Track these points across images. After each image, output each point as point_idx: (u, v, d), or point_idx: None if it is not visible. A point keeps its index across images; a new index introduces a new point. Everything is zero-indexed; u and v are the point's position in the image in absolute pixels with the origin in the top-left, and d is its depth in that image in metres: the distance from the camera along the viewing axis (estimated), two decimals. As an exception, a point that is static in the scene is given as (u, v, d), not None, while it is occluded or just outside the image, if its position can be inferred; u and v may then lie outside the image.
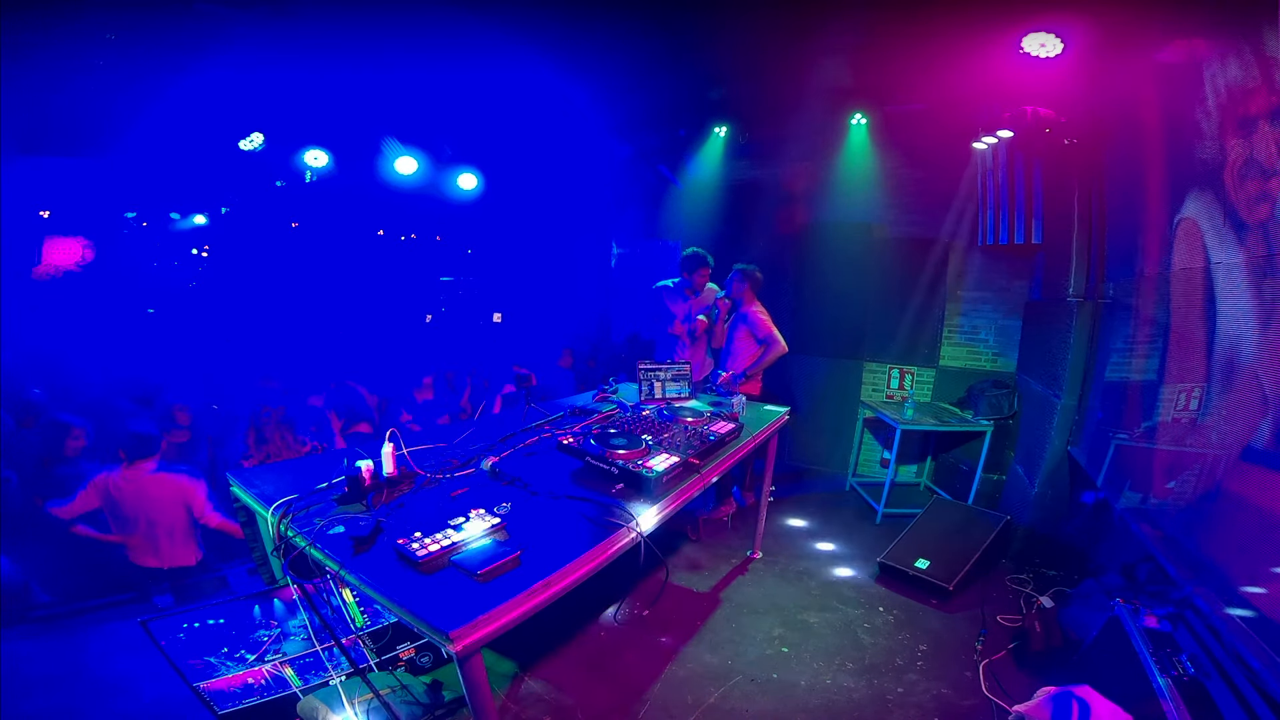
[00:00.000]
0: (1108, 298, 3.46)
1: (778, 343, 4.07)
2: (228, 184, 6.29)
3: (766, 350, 4.08)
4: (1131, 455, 2.85)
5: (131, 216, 6.46)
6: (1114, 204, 3.42)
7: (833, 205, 5.40)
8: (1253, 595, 1.73)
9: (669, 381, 3.56)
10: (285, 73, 4.22)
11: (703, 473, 2.39)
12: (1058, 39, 3.14)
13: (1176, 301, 2.52)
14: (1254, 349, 1.89)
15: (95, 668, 2.58)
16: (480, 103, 4.91)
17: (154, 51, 3.76)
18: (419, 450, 2.34)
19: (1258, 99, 1.86)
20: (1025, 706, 2.00)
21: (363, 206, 7.09)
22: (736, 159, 5.74)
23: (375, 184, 5.55)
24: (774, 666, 2.75)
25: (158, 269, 6.88)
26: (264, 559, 2.23)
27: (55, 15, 3.30)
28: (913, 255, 5.10)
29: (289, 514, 1.83)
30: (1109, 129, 3.38)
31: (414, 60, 4.09)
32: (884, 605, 3.28)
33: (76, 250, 6.02)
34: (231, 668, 2.10)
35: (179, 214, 6.64)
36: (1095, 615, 2.55)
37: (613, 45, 3.98)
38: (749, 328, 4.15)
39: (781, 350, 4.09)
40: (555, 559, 1.66)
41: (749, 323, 4.15)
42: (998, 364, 4.90)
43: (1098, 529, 3.19)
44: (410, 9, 3.47)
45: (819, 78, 4.33)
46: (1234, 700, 1.71)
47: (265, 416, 3.55)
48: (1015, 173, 4.14)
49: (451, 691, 2.34)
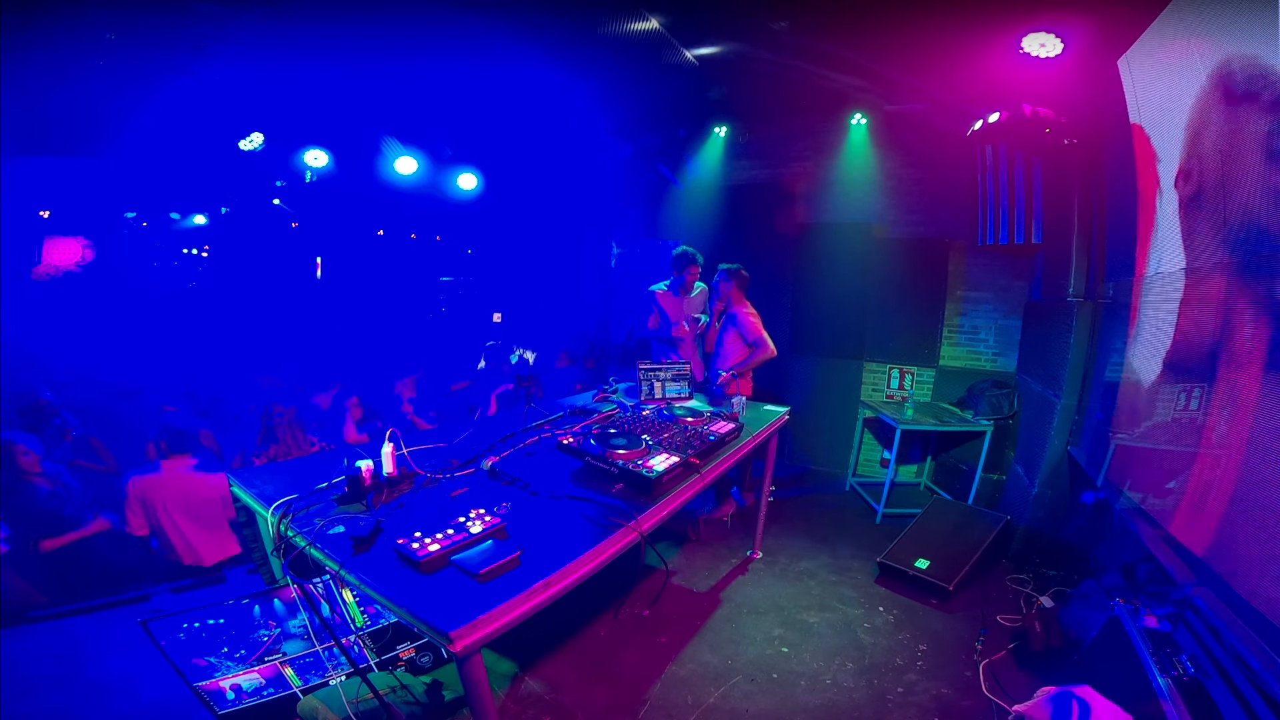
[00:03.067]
0: (1108, 298, 3.46)
1: (766, 346, 4.06)
2: (228, 184, 6.28)
3: (754, 353, 4.07)
4: (1131, 455, 2.85)
5: (131, 216, 6.46)
6: (1114, 204, 3.42)
7: (833, 205, 5.40)
8: (1253, 595, 1.73)
9: (669, 381, 3.56)
10: (285, 73, 4.22)
11: (703, 473, 2.39)
12: (1058, 39, 3.14)
13: (1176, 302, 2.52)
14: (1254, 349, 1.89)
15: (95, 668, 2.58)
16: (480, 103, 4.90)
17: (154, 51, 3.75)
18: (419, 450, 2.34)
19: (1258, 98, 1.86)
20: (1025, 706, 2.00)
21: (363, 206, 7.09)
22: (736, 159, 5.74)
23: (375, 184, 5.54)
24: (774, 666, 2.75)
25: (158, 269, 6.88)
26: (264, 559, 2.23)
27: (55, 15, 3.30)
28: (913, 255, 5.10)
29: (289, 514, 1.83)
30: (1109, 129, 3.38)
31: (414, 60, 4.08)
32: (884, 605, 3.28)
33: (76, 250, 6.02)
34: (231, 668, 2.11)
35: (179, 214, 6.63)
36: (1095, 615, 2.55)
37: (613, 45, 3.98)
38: (738, 329, 4.13)
39: (770, 354, 4.07)
40: (555, 559, 1.66)
41: (738, 324, 4.13)
42: (998, 364, 4.90)
43: (1098, 529, 3.19)
44: (410, 9, 3.47)
45: (819, 78, 4.33)
46: (1234, 700, 1.70)
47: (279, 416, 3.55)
48: (1015, 173, 4.13)
49: (451, 691, 2.35)
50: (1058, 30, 3.11)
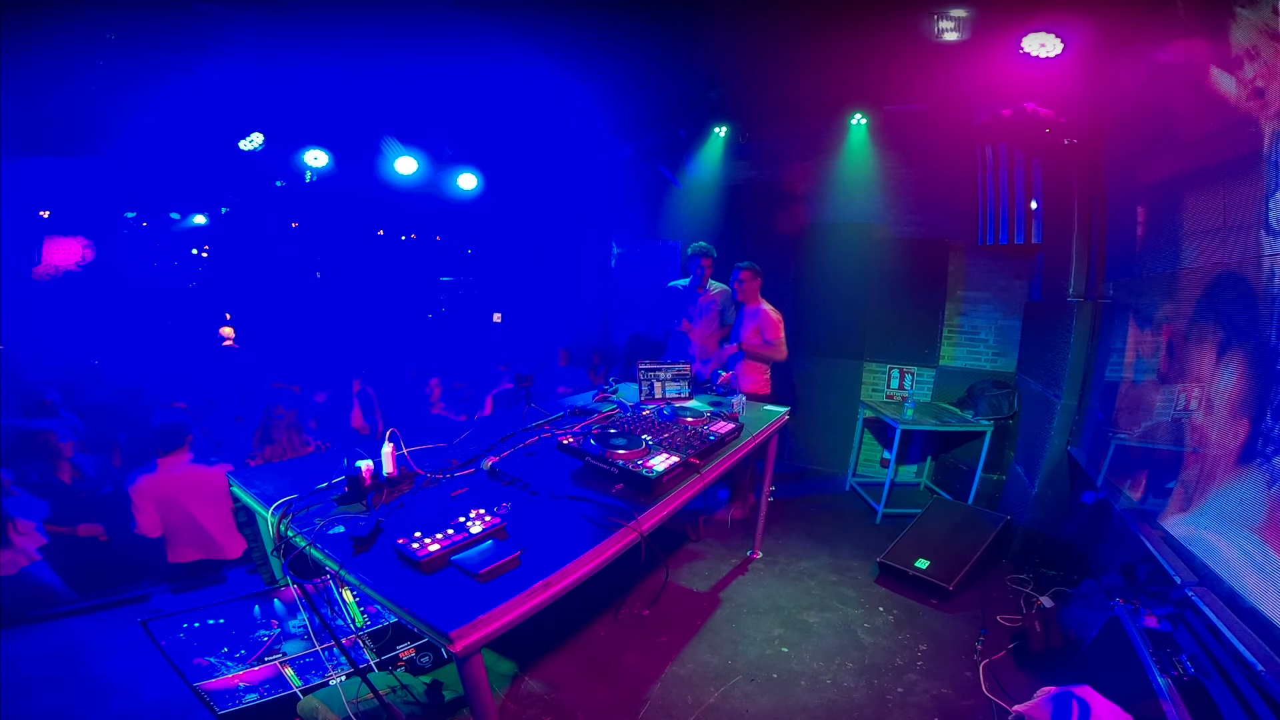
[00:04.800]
0: (1108, 298, 3.45)
1: (781, 349, 4.11)
2: (228, 184, 6.29)
3: (770, 348, 4.10)
4: (1131, 455, 2.85)
5: (131, 216, 6.47)
6: (1114, 204, 3.42)
7: (833, 205, 5.39)
8: (1253, 595, 1.73)
9: (669, 381, 3.56)
10: (285, 73, 4.22)
11: (703, 473, 2.39)
12: (1058, 39, 3.14)
13: (1176, 301, 2.52)
14: (1253, 349, 1.89)
15: (95, 668, 2.58)
16: (480, 103, 4.90)
17: (154, 51, 3.75)
18: (419, 450, 2.34)
19: (1257, 97, 1.86)
20: (1025, 706, 2.01)
21: (363, 206, 7.10)
22: (736, 159, 5.73)
23: (375, 184, 5.54)
24: (774, 666, 2.75)
25: (158, 269, 6.89)
26: (264, 559, 2.23)
27: (55, 15, 3.30)
28: (913, 255, 5.09)
29: (289, 514, 1.83)
30: (1109, 129, 3.37)
31: (414, 60, 4.08)
32: (884, 605, 3.28)
33: (76, 250, 6.03)
34: (231, 668, 2.11)
35: (179, 214, 6.64)
36: (1095, 615, 2.55)
37: (613, 45, 3.98)
38: (758, 324, 4.14)
39: (780, 356, 4.12)
40: (555, 559, 1.66)
41: (759, 319, 4.14)
42: (998, 364, 4.90)
43: (1098, 529, 3.19)
44: (410, 9, 3.47)
45: (819, 78, 4.33)
46: (1234, 700, 1.70)
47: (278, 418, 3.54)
48: (1015, 173, 4.14)
49: (451, 691, 2.34)
50: (1058, 30, 3.11)
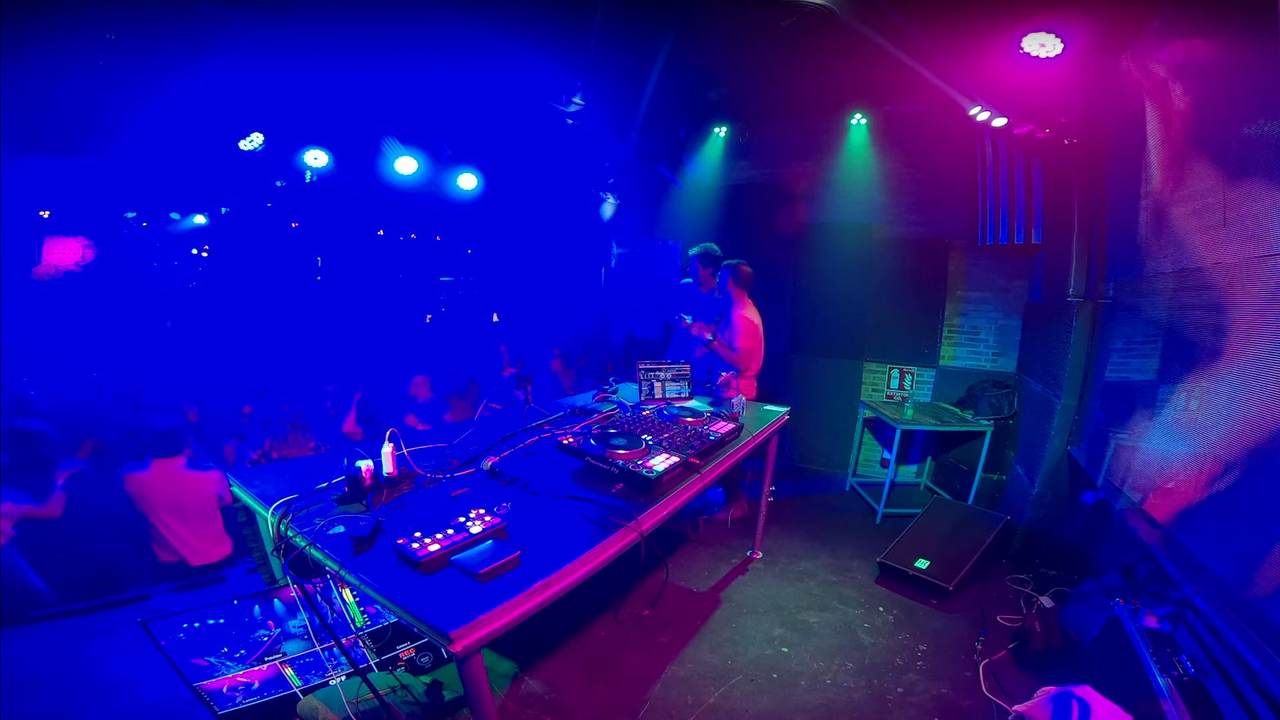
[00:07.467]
0: (1108, 298, 3.46)
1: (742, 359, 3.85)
2: (228, 184, 6.28)
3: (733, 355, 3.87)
4: (1131, 455, 2.85)
5: (131, 216, 6.46)
6: (1114, 204, 3.42)
7: (833, 205, 5.39)
8: (1253, 595, 1.73)
9: (669, 381, 3.56)
10: (285, 73, 4.22)
11: (703, 473, 2.39)
12: (1058, 39, 3.13)
13: (1176, 302, 2.52)
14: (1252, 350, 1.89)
15: (95, 668, 2.58)
16: (480, 103, 4.91)
17: (154, 51, 3.75)
18: (419, 450, 2.34)
19: (1257, 97, 1.86)
20: (1025, 706, 2.00)
21: (363, 206, 7.09)
22: (736, 159, 5.74)
23: (375, 184, 5.54)
24: (774, 666, 2.75)
25: (158, 269, 6.88)
26: (264, 559, 2.23)
27: (55, 15, 3.30)
28: (913, 255, 5.10)
29: (289, 514, 1.83)
30: (1109, 129, 3.37)
31: (414, 60, 4.08)
32: (884, 605, 3.28)
33: (76, 250, 6.02)
34: (231, 668, 2.10)
35: (179, 214, 6.64)
36: (1095, 615, 2.55)
37: (613, 45, 3.98)
38: (730, 327, 3.95)
39: (741, 366, 3.86)
40: (555, 559, 1.66)
41: (731, 322, 3.95)
42: (998, 364, 4.89)
43: (1098, 529, 3.19)
44: (410, 9, 3.47)
45: (819, 78, 4.33)
46: (1234, 700, 1.70)
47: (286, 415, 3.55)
48: (1015, 173, 4.13)
49: (451, 691, 2.34)
50: (1058, 30, 3.10)
